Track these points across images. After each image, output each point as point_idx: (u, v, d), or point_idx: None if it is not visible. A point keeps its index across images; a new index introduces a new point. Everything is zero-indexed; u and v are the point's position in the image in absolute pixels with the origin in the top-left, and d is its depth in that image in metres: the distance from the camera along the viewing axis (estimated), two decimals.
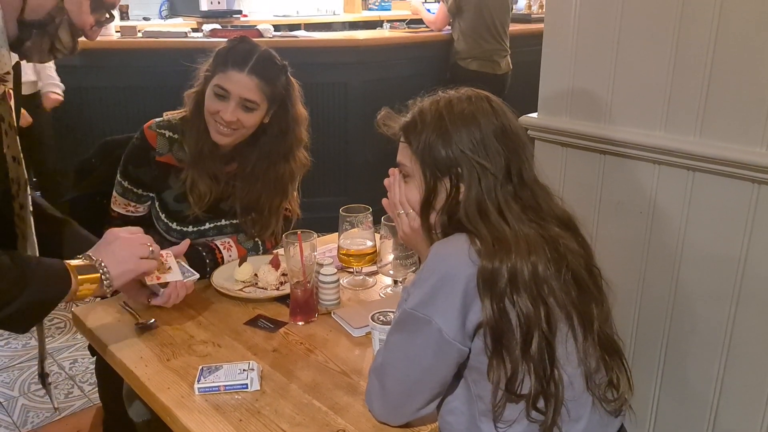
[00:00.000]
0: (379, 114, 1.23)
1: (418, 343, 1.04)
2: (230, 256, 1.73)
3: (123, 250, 1.27)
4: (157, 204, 1.75)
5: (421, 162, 1.12)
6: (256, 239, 1.79)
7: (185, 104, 1.72)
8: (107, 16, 1.21)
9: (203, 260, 1.67)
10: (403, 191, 1.19)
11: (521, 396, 1.00)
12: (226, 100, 1.60)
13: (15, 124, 1.20)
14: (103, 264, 1.22)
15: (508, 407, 1.01)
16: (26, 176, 1.24)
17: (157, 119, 1.73)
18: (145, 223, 1.77)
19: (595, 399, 1.06)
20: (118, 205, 1.75)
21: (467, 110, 1.10)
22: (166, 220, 1.74)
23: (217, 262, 1.70)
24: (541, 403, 1.00)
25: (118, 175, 1.73)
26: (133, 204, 1.74)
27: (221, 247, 1.73)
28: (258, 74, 1.60)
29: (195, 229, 1.74)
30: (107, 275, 1.22)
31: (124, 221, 1.75)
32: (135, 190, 1.72)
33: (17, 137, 1.21)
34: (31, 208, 1.25)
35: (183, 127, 1.70)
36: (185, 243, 1.53)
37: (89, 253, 1.24)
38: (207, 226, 1.76)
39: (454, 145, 1.08)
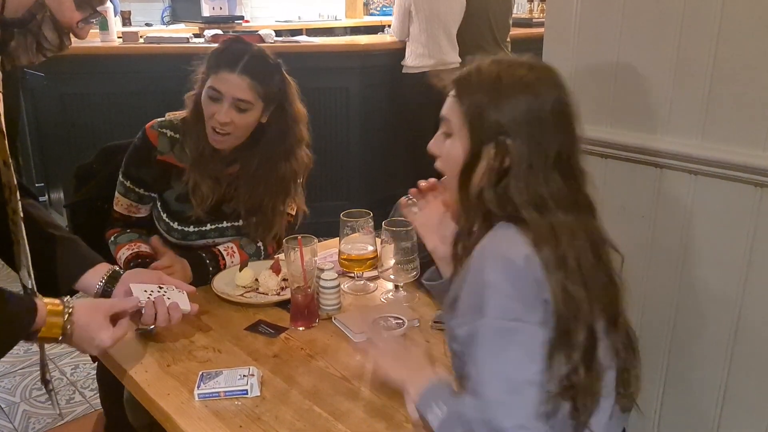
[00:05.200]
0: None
1: (519, 351, 0.94)
2: (233, 261, 1.73)
3: (95, 334, 1.21)
4: (159, 204, 1.75)
5: (469, 122, 1.03)
6: (259, 244, 1.79)
7: (186, 106, 1.72)
8: (93, 12, 1.20)
9: (206, 267, 1.67)
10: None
11: (569, 388, 0.95)
12: (219, 101, 1.60)
13: (3, 128, 1.20)
14: (70, 330, 1.18)
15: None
16: (16, 181, 1.23)
17: (159, 119, 1.74)
18: (146, 225, 1.77)
19: (617, 394, 1.03)
20: (120, 206, 1.75)
21: (528, 77, 1.03)
22: (167, 220, 1.73)
23: (219, 268, 1.70)
24: (579, 398, 0.96)
25: (120, 176, 1.74)
26: (135, 205, 1.74)
27: (224, 253, 1.73)
28: (249, 74, 1.60)
29: (196, 229, 1.74)
30: (67, 335, 1.18)
31: (126, 222, 1.76)
32: (137, 189, 1.72)
33: (6, 141, 1.20)
34: (21, 214, 1.24)
35: (184, 129, 1.70)
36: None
37: (69, 316, 1.18)
38: (208, 227, 1.75)
39: (508, 112, 1.00)
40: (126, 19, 5.30)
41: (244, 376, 1.22)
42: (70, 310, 1.18)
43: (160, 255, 1.67)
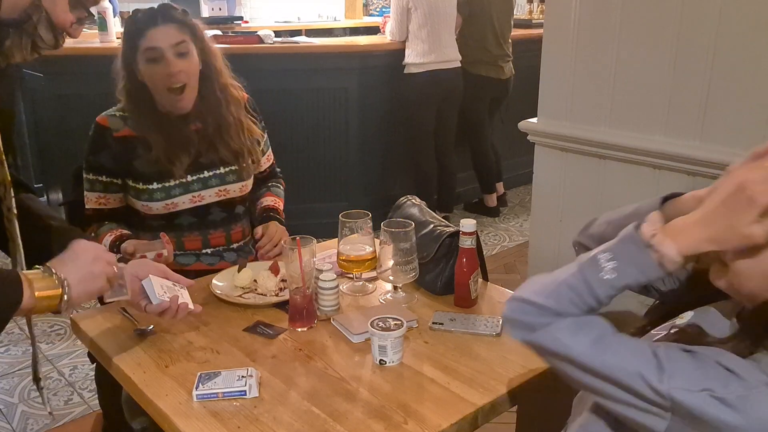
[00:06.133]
0: None
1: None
2: (281, 208, 1.96)
3: (90, 266, 1.19)
4: (130, 181, 1.76)
5: None
6: (281, 188, 2.02)
7: (121, 102, 1.78)
8: (87, 14, 1.21)
9: (280, 220, 1.89)
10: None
11: None
12: (161, 59, 1.66)
13: None
14: (65, 281, 1.14)
15: None
16: (9, 178, 1.23)
17: (107, 110, 1.80)
18: (122, 219, 1.80)
19: None
20: (90, 202, 1.79)
21: None
22: (145, 187, 1.74)
23: (280, 216, 1.92)
24: None
25: (83, 173, 1.78)
26: (102, 195, 1.77)
27: (273, 204, 1.94)
28: (170, 20, 1.68)
29: (177, 181, 1.76)
30: (67, 294, 1.14)
31: (99, 215, 1.78)
32: (100, 178, 1.76)
33: None
34: (15, 211, 1.24)
35: (132, 117, 1.75)
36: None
37: (51, 265, 1.15)
38: (189, 178, 1.78)
39: None
40: (125, 20, 5.30)
41: (242, 377, 1.22)
42: (53, 269, 1.14)
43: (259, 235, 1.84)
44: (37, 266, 1.16)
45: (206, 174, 1.79)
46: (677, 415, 0.84)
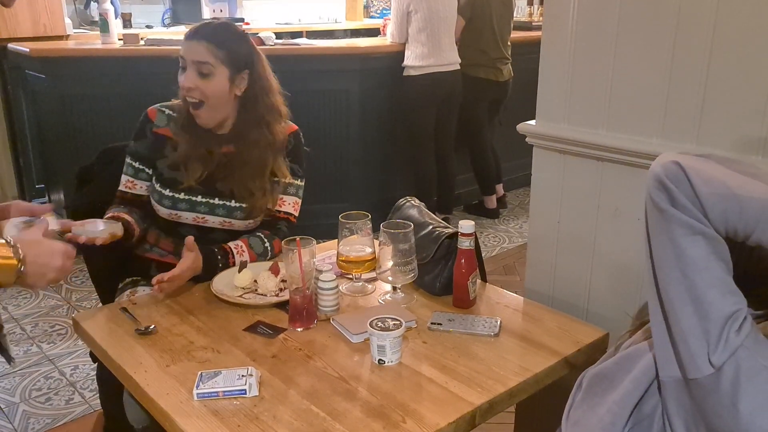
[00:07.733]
0: None
1: None
2: (242, 260, 1.74)
3: (49, 257, 1.20)
4: (153, 177, 1.80)
5: None
6: (266, 245, 1.79)
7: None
8: None
9: (216, 261, 1.70)
10: None
11: None
12: (185, 70, 1.70)
13: None
14: (23, 256, 1.15)
15: None
16: None
17: (163, 102, 1.83)
18: (142, 206, 1.81)
19: None
20: (121, 183, 1.82)
21: None
22: (159, 189, 1.77)
23: (228, 265, 1.71)
24: None
25: (126, 157, 1.82)
26: (131, 179, 1.80)
27: (234, 251, 1.74)
28: (207, 38, 1.69)
29: (187, 197, 1.76)
30: (23, 269, 1.15)
31: (122, 199, 1.80)
32: (134, 164, 1.80)
33: None
34: None
35: (179, 111, 1.78)
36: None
37: (15, 240, 1.17)
38: (199, 198, 1.77)
39: None
40: (127, 21, 5.32)
41: (242, 376, 1.23)
42: (15, 243, 1.16)
43: (185, 252, 1.66)
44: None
45: (216, 201, 1.77)
46: (719, 374, 0.81)
